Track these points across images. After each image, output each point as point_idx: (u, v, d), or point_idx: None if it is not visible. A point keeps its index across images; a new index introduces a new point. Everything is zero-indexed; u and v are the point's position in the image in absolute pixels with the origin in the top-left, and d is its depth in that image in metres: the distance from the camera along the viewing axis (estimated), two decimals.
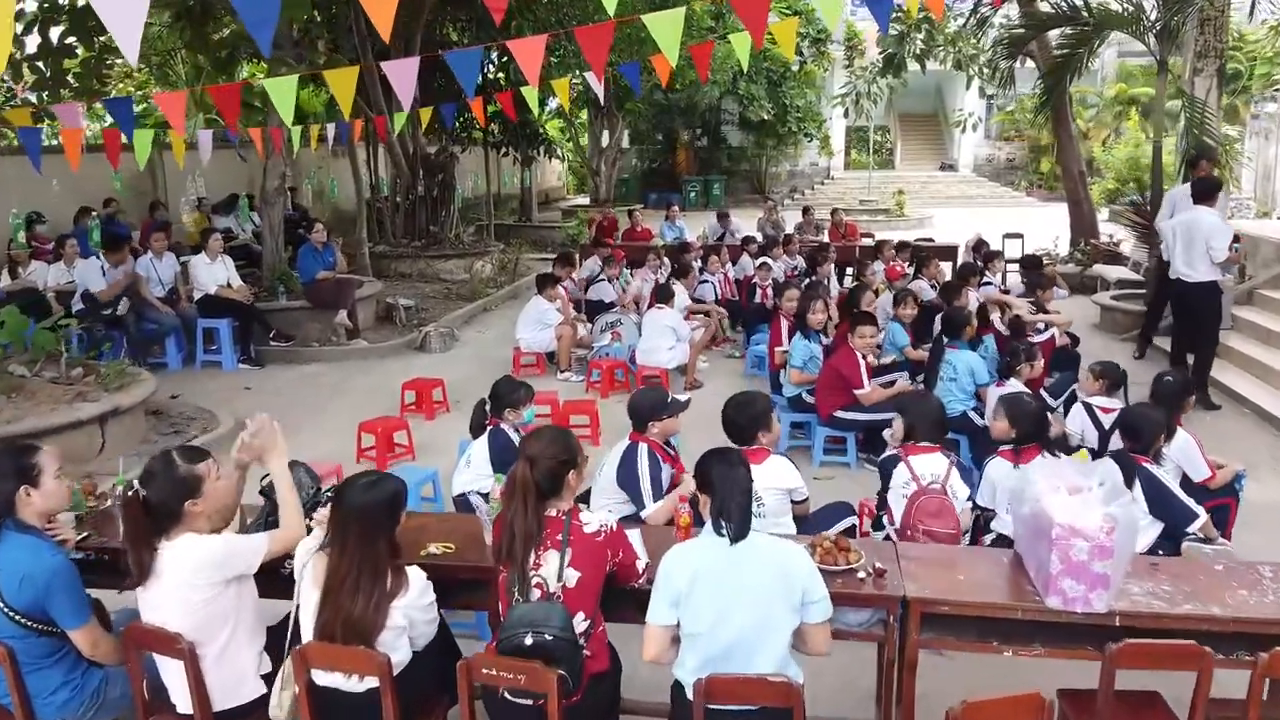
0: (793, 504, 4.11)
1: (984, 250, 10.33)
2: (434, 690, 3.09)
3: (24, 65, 10.68)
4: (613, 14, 4.63)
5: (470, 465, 4.66)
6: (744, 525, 2.76)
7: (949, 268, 11.79)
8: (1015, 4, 12.89)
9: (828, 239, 13.53)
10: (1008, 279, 10.20)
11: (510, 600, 2.92)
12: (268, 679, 3.06)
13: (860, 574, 3.14)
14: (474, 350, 10.24)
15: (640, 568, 3.14)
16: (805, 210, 14.27)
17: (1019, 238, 13.82)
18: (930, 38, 11.24)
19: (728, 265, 10.98)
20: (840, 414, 6.25)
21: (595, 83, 7.96)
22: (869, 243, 14.10)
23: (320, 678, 2.87)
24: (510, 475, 2.99)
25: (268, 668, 3.10)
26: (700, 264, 10.91)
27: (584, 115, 24.83)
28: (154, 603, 2.98)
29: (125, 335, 9.00)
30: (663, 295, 8.55)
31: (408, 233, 14.89)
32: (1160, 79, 10.32)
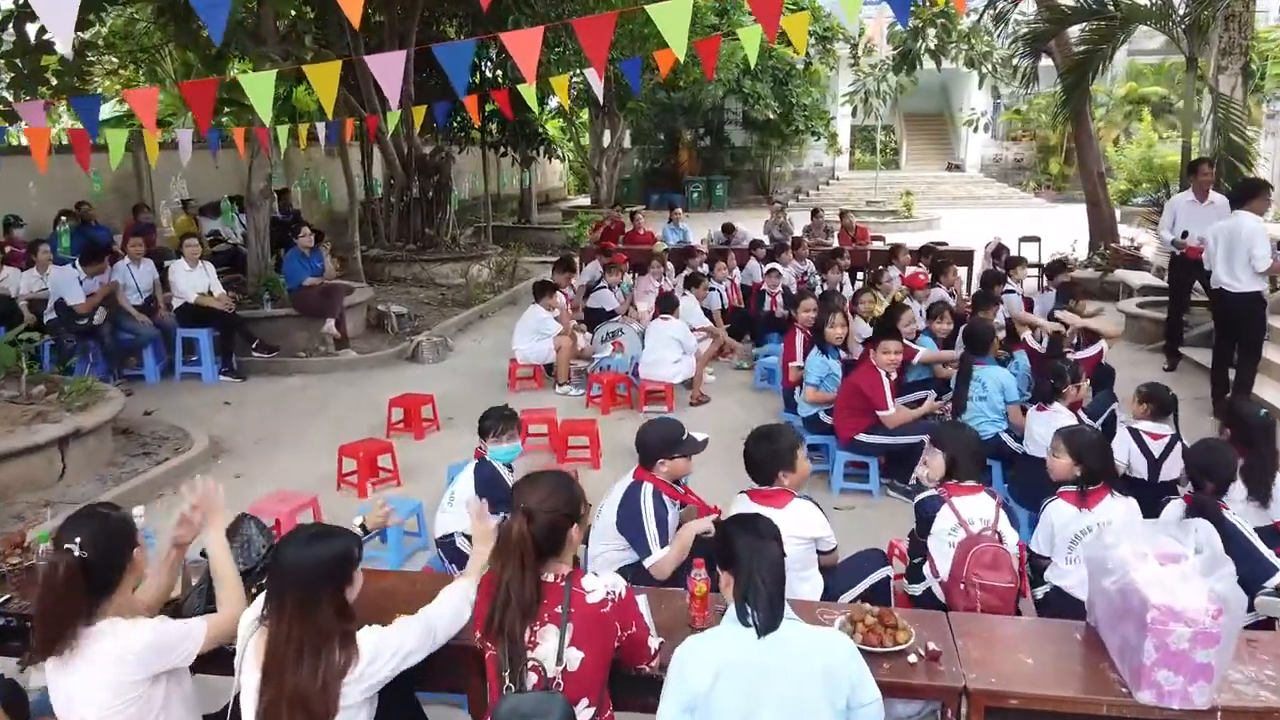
0: (819, 554, 3.63)
1: (1005, 256, 9.84)
2: None
3: (0, 62, 10.21)
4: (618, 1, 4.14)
5: (454, 502, 4.18)
6: (775, 614, 2.28)
7: (963, 273, 11.34)
8: (1034, 0, 12.42)
9: (838, 243, 13.03)
10: (1025, 286, 9.71)
11: (500, 686, 2.45)
12: None
13: (911, 657, 2.65)
14: (469, 361, 9.75)
15: (653, 647, 2.65)
16: (814, 212, 13.75)
17: (1035, 241, 13.31)
18: (946, 33, 10.76)
19: (735, 271, 10.49)
20: (862, 438, 5.76)
21: (596, 80, 7.50)
22: (879, 246, 13.65)
23: None
24: (503, 532, 2.52)
25: None
26: (706, 269, 10.42)
27: (585, 115, 24.35)
28: (69, 693, 2.49)
29: (101, 346, 8.53)
30: (667, 305, 8.05)
31: (402, 236, 14.40)
32: (1189, 76, 9.83)
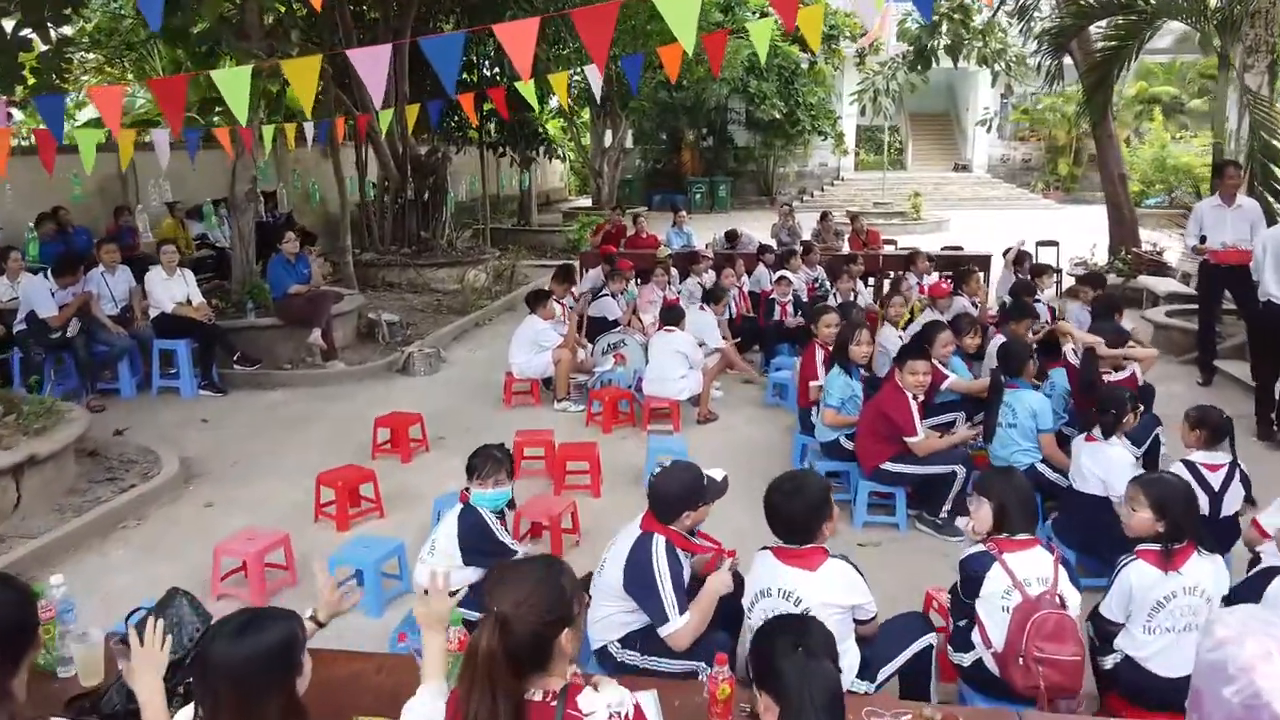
0: (856, 623, 3.14)
1: (1028, 263, 9.33)
2: None
3: None
4: None
5: (435, 553, 3.69)
6: None
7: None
8: None
9: (848, 247, 12.53)
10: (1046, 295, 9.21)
11: None
12: None
13: None
14: (463, 373, 9.26)
15: None
16: (823, 215, 13.24)
17: (1054, 245, 12.82)
18: (965, 28, 10.28)
19: (743, 279, 9.99)
20: (888, 466, 5.26)
21: (596, 77, 7.00)
22: (891, 250, 13.17)
23: None
24: (470, 643, 2.01)
25: None
26: (713, 276, 9.94)
27: (586, 114, 23.88)
28: None
29: (74, 358, 8.05)
30: (671, 316, 7.55)
31: (396, 239, 13.93)
32: (1222, 74, 9.34)
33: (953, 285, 8.14)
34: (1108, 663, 3.32)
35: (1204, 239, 7.85)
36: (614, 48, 13.86)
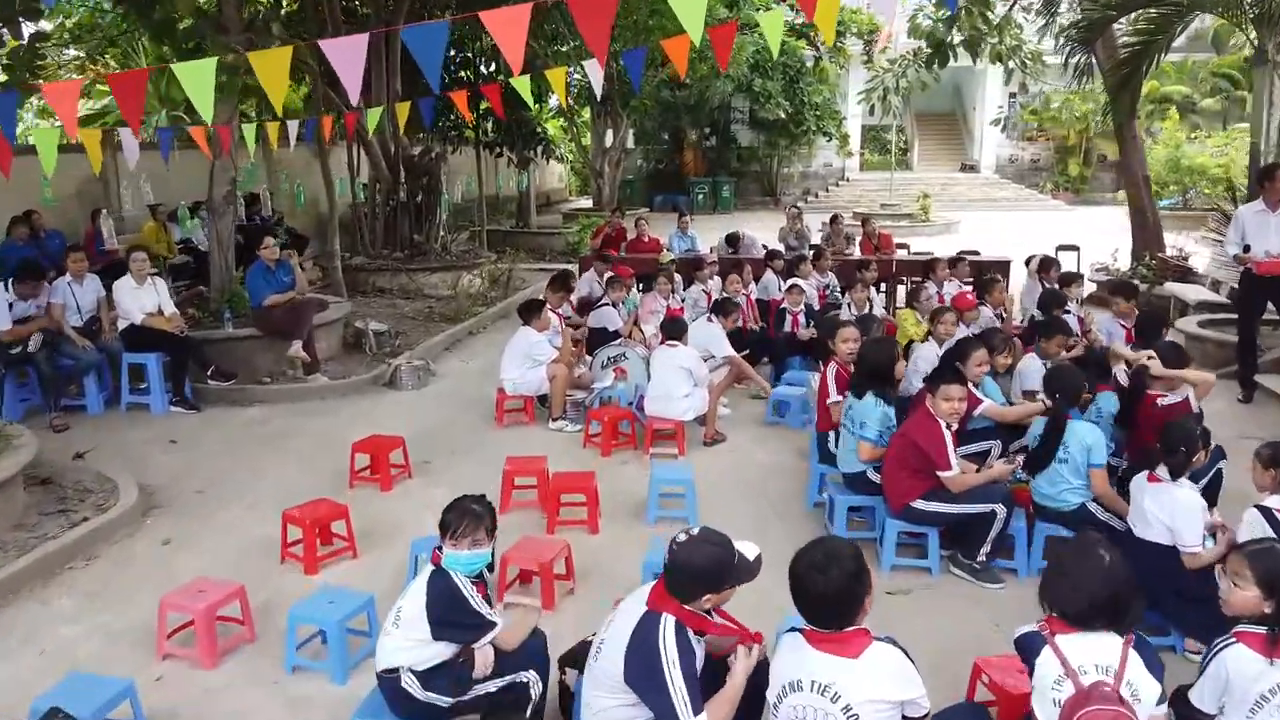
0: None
1: (1054, 270, 8.76)
2: None
3: None
4: None
5: (400, 624, 3.14)
6: None
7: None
8: None
9: (859, 251, 11.97)
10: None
11: None
12: None
13: None
14: (454, 386, 8.72)
15: None
16: (833, 219, 12.65)
17: (1074, 250, 12.27)
18: (984, 21, 9.73)
19: (751, 286, 9.44)
20: (919, 505, 4.71)
21: (596, 71, 6.45)
22: (904, 254, 12.60)
23: None
24: None
25: None
26: (719, 283, 9.40)
27: (586, 113, 23.36)
28: None
29: (36, 374, 7.52)
30: (673, 329, 6.98)
31: (388, 243, 13.38)
32: (1259, 71, 8.79)
33: (977, 295, 7.59)
34: None
35: (1247, 248, 7.32)
36: (615, 43, 13.34)
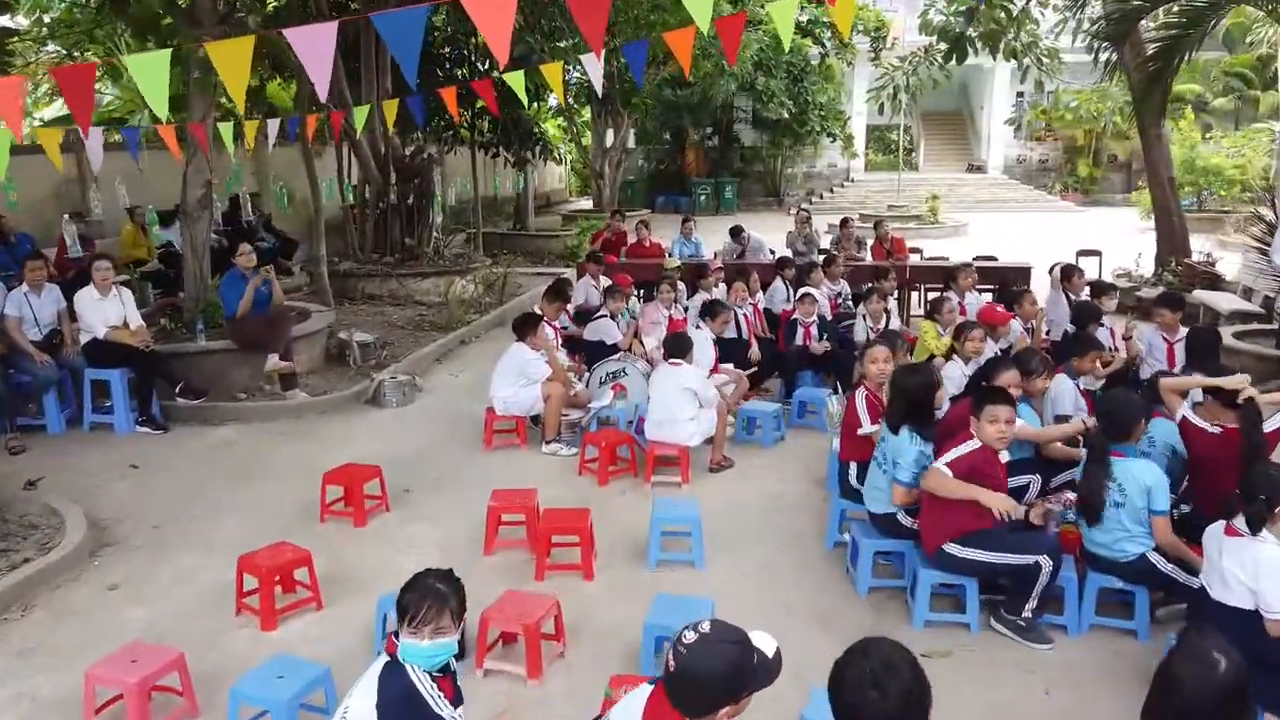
0: None
1: (1079, 278, 8.21)
2: None
3: None
4: None
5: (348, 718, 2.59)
6: None
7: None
8: None
9: (871, 257, 11.42)
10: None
11: None
12: None
13: None
14: (441, 402, 8.16)
15: None
16: (843, 222, 12.08)
17: (1096, 255, 11.71)
18: (1006, 13, 9.18)
19: (758, 295, 8.89)
20: (954, 550, 4.17)
21: (594, 65, 5.91)
22: (916, 259, 12.06)
23: None
24: None
25: None
26: (725, 291, 8.84)
27: (587, 113, 22.82)
28: None
29: None
30: (677, 347, 6.40)
31: (379, 247, 12.83)
32: None
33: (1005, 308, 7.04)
34: None
35: None
36: (615, 38, 12.77)
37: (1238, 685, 2.20)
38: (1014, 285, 8.11)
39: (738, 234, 12.05)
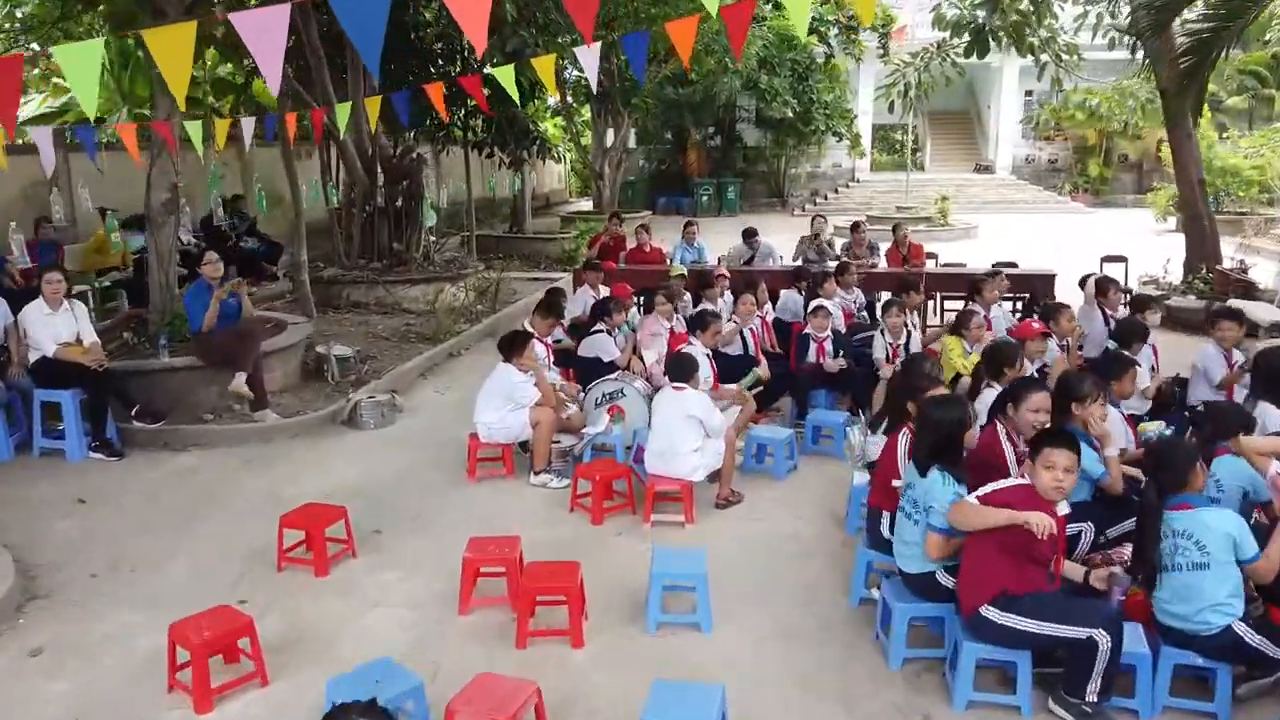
0: None
1: (1114, 291, 7.59)
2: None
3: None
4: None
5: None
6: None
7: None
8: None
9: (885, 263, 10.79)
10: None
11: None
12: None
13: None
14: (424, 424, 7.54)
15: None
16: (855, 226, 11.43)
17: (1122, 261, 11.08)
18: (1034, 5, 8.57)
19: (766, 307, 8.27)
20: (991, 615, 3.54)
21: (589, 58, 5.30)
22: (932, 266, 11.39)
23: None
24: None
25: None
26: (730, 300, 8.23)
27: (586, 112, 22.22)
28: None
29: None
30: (681, 370, 5.77)
31: (365, 252, 12.23)
32: None
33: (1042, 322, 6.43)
34: None
35: None
36: (614, 31, 12.16)
37: None
38: (1041, 295, 7.47)
39: (750, 237, 11.40)
